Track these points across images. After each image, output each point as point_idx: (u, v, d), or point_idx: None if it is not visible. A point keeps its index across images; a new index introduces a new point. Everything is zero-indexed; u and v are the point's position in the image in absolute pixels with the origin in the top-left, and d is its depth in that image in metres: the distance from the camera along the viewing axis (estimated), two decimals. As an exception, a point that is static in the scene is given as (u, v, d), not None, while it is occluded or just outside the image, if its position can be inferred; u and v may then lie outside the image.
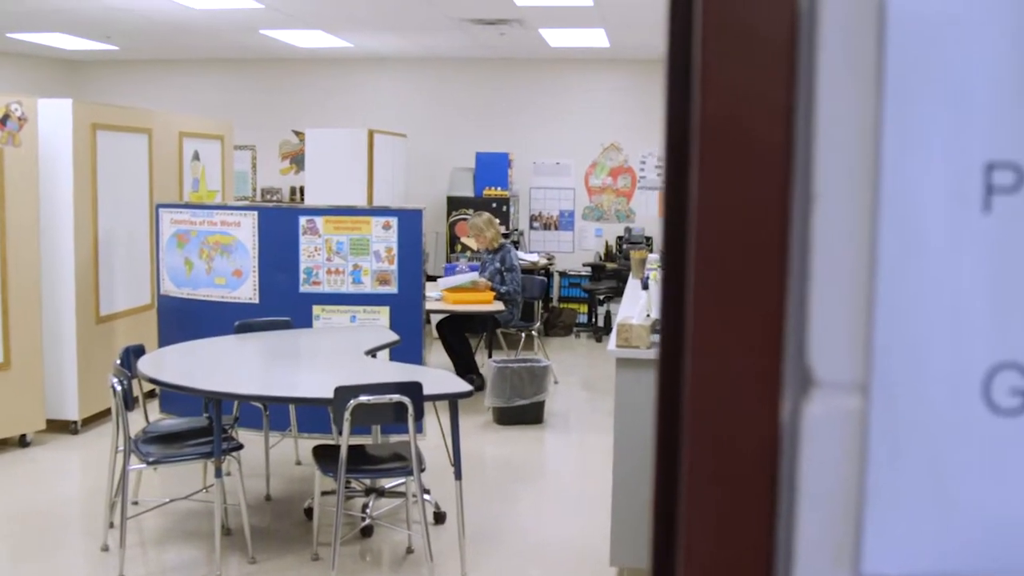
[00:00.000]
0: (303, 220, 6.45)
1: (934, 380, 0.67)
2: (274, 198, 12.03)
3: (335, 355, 5.50)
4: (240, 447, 4.89)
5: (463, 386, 4.70)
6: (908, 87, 0.65)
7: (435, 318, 8.66)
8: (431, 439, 5.81)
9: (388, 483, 5.32)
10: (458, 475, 4.62)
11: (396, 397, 4.34)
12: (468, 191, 10.97)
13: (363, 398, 4.30)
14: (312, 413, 5.97)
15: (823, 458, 0.68)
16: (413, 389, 4.38)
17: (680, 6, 0.72)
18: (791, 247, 0.68)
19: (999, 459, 0.67)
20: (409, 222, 6.34)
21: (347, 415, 4.25)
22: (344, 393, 4.30)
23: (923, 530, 0.67)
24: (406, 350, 5.85)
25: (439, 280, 8.31)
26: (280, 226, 6.44)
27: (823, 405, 0.68)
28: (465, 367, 8.06)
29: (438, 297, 7.93)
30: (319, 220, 6.40)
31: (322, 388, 4.46)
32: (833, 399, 0.68)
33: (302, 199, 11.14)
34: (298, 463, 6.15)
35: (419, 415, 4.41)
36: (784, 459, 0.69)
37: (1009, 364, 0.66)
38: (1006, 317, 0.66)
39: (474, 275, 8.20)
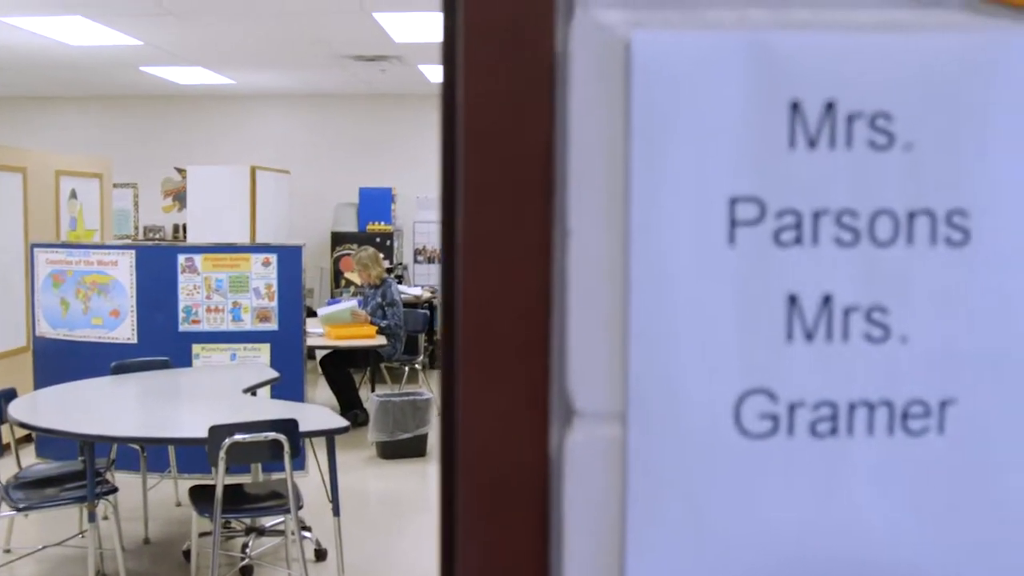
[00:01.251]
0: (182, 258, 6.37)
1: (688, 407, 0.69)
2: (156, 236, 11.83)
3: (213, 394, 5.43)
4: (114, 490, 4.78)
5: (340, 422, 4.69)
6: (653, 127, 0.68)
7: (319, 353, 8.59)
8: (314, 476, 5.75)
9: (269, 522, 5.25)
10: (336, 511, 4.59)
11: (271, 435, 4.29)
12: (352, 226, 10.94)
13: (238, 437, 4.25)
14: (193, 453, 5.87)
15: (587, 486, 0.70)
16: (289, 426, 4.34)
17: (448, 49, 0.74)
18: (553, 282, 0.70)
19: (751, 482, 0.70)
20: (289, 258, 6.30)
21: (222, 454, 4.19)
22: (219, 432, 4.25)
23: (681, 554, 0.70)
24: (287, 387, 5.81)
25: (319, 310, 8.27)
26: (158, 265, 6.35)
27: (584, 434, 0.70)
28: (349, 402, 8.02)
29: (321, 333, 7.88)
30: (198, 258, 6.33)
31: (199, 428, 4.40)
32: (593, 428, 0.70)
33: (185, 237, 10.98)
34: (178, 504, 6.03)
35: (295, 452, 4.37)
36: (552, 489, 0.71)
37: (758, 390, 0.69)
38: (753, 344, 0.69)
39: (353, 303, 8.18)
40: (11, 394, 5.09)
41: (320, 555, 5.18)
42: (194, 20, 7.57)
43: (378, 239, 10.55)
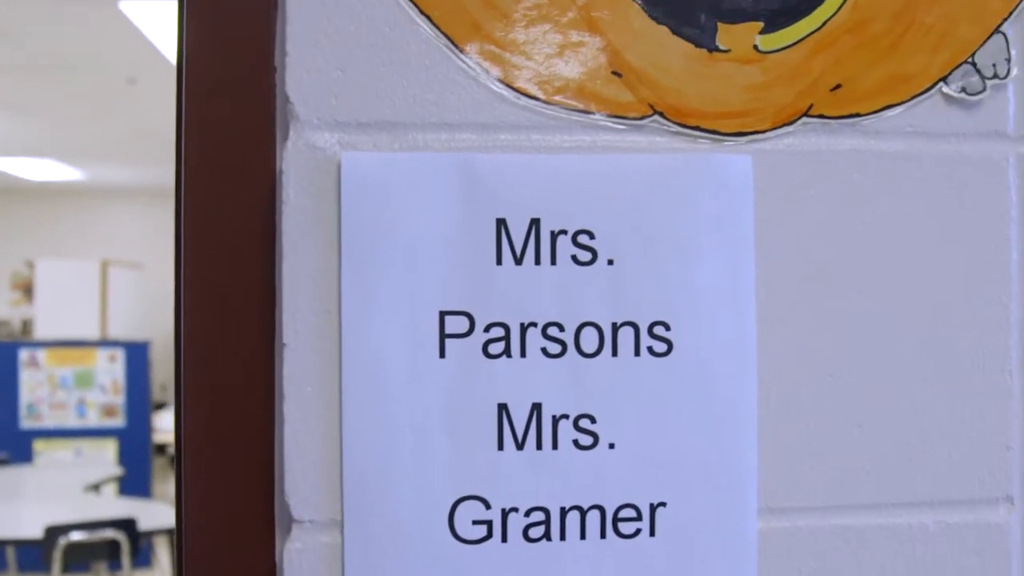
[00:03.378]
0: (24, 353, 6.18)
1: (403, 514, 0.71)
2: (2, 331, 11.44)
3: (54, 491, 5.26)
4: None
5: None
6: (364, 244, 0.70)
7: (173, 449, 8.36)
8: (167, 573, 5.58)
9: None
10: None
11: (110, 533, 4.16)
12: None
13: (75, 536, 4.10)
14: (33, 552, 5.64)
15: (305, 595, 0.71)
16: (128, 525, 4.21)
17: (178, 168, 0.76)
18: (275, 394, 0.71)
19: (466, 587, 0.71)
20: (136, 354, 6.18)
21: (57, 555, 4.04)
22: (54, 532, 4.10)
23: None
24: (134, 483, 5.66)
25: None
26: (-1, 360, 6.15)
27: (303, 543, 0.71)
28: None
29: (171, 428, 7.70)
30: (41, 353, 6.15)
31: (36, 527, 4.24)
32: (312, 536, 0.71)
33: (33, 331, 10.64)
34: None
35: (135, 551, 4.24)
36: (274, 598, 0.72)
37: (471, 497, 0.71)
38: (466, 453, 0.71)
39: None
40: None
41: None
42: (44, 114, 7.44)
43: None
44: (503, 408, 0.72)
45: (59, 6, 5.19)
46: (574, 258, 0.72)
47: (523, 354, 0.72)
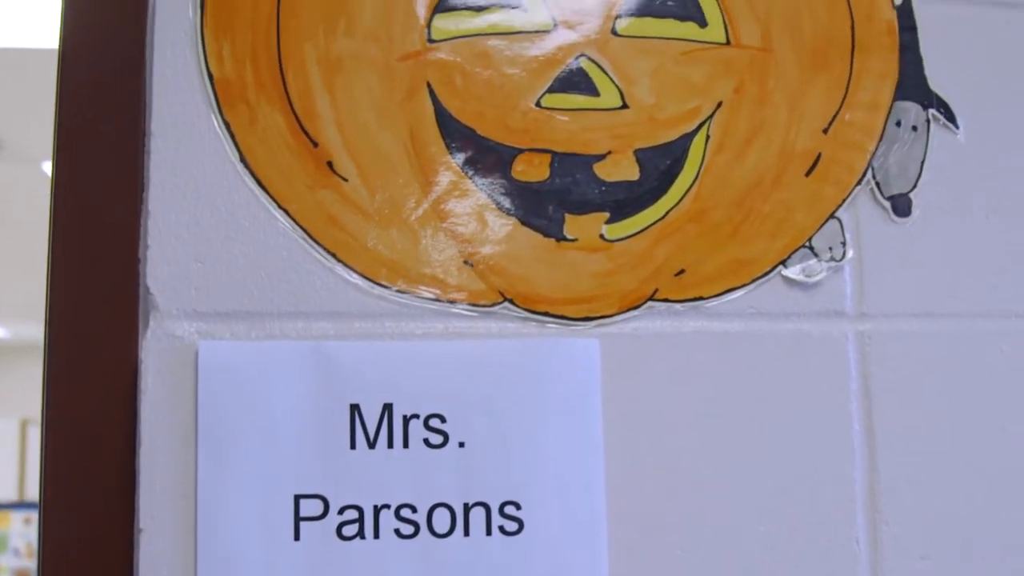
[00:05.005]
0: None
1: None
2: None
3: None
4: None
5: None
6: (220, 430, 0.72)
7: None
8: None
9: None
10: None
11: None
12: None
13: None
14: None
15: None
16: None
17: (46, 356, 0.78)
18: (131, 577, 0.73)
19: None
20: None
21: None
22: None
23: None
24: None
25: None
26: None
27: None
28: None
29: None
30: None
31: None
32: None
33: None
34: None
35: None
36: None
37: None
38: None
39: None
40: None
41: None
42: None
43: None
44: (357, 590, 0.73)
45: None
46: (426, 441, 0.75)
47: (376, 535, 0.74)
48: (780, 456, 0.81)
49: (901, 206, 0.85)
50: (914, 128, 0.86)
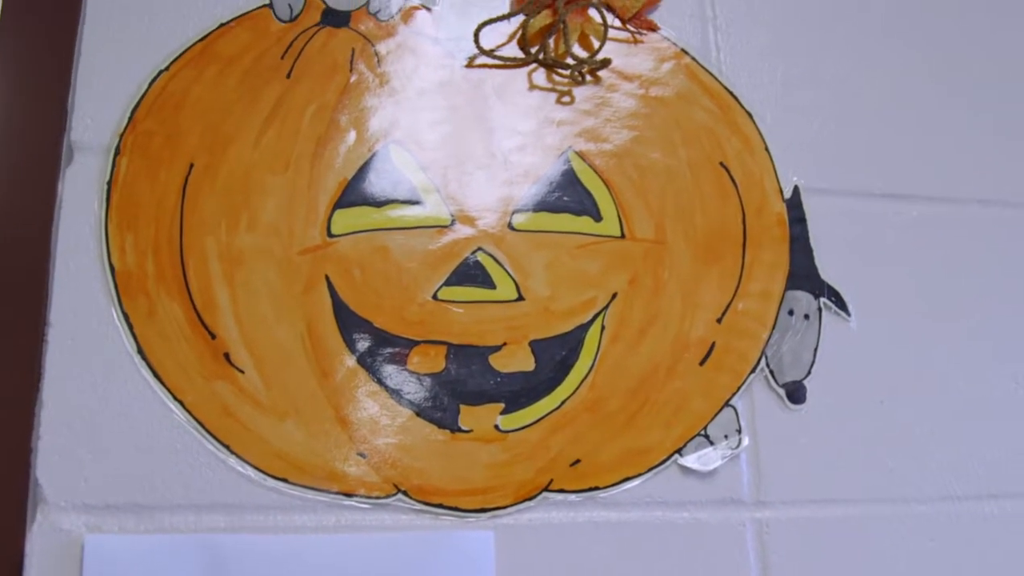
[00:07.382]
0: None
1: None
2: None
3: None
4: None
5: None
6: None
7: None
8: None
9: None
10: None
11: None
12: None
13: None
14: None
15: None
16: None
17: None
18: None
19: None
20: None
21: None
22: None
23: None
24: None
25: None
26: None
27: None
28: None
29: None
30: None
31: None
32: None
33: None
34: None
35: None
36: None
37: None
38: None
39: None
40: None
41: None
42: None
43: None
44: None
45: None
46: (315, 638, 0.74)
47: None
48: (679, 647, 0.81)
49: (796, 393, 0.87)
50: (806, 317, 0.89)
